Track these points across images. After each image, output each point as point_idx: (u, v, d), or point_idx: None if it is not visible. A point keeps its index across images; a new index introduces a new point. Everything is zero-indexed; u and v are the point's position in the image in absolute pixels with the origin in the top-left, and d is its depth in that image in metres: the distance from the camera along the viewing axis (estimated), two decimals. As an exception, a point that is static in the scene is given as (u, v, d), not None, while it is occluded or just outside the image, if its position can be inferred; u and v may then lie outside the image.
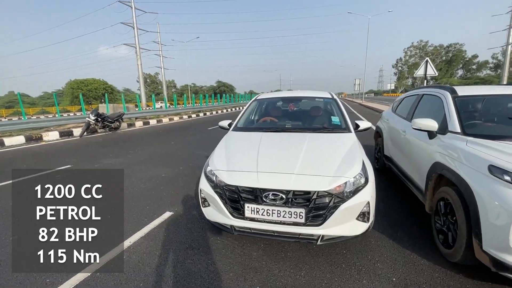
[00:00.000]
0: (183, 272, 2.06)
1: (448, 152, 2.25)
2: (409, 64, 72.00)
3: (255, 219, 2.09)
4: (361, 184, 2.10)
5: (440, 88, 2.94)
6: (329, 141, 2.65)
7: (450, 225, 2.12)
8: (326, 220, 1.99)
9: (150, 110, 15.71)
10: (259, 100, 3.80)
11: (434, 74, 12.67)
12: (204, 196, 2.39)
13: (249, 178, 2.13)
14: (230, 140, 2.89)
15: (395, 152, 3.64)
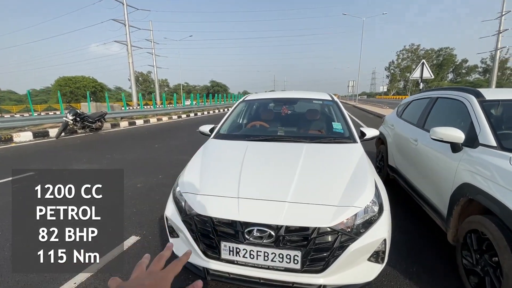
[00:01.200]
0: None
1: (481, 171, 1.77)
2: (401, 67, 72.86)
3: (234, 261, 1.56)
4: (375, 214, 1.60)
5: (461, 91, 2.48)
6: (331, 155, 2.13)
7: (488, 268, 1.63)
8: (329, 265, 1.47)
9: (137, 110, 14.97)
10: (248, 101, 3.25)
11: (430, 76, 12.44)
12: (171, 225, 1.85)
13: (228, 206, 1.59)
14: (208, 152, 2.35)
15: (403, 163, 3.17)
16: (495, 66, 39.42)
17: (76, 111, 9.06)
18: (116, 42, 30.35)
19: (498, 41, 37.47)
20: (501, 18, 36.35)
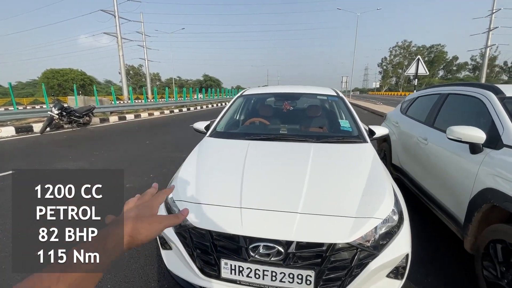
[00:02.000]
0: None
1: (506, 176, 1.61)
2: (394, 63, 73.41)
3: (236, 281, 1.35)
4: (395, 224, 1.41)
5: (477, 87, 2.31)
6: (342, 157, 1.93)
7: (515, 282, 1.48)
8: (346, 285, 1.28)
9: (127, 104, 14.48)
10: (246, 96, 3.01)
11: (425, 73, 12.41)
12: (163, 236, 1.62)
13: (229, 218, 1.38)
14: (204, 152, 2.11)
15: (410, 163, 3.01)
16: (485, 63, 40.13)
17: (62, 105, 8.61)
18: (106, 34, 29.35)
19: (489, 38, 38.04)
20: (492, 16, 36.83)
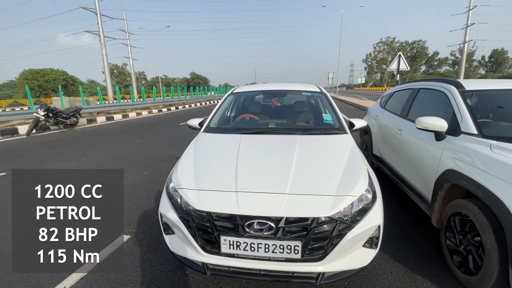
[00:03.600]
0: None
1: (463, 158, 1.88)
2: (378, 59, 75.08)
3: (234, 255, 1.55)
4: (369, 201, 1.65)
5: (443, 82, 2.60)
6: (324, 146, 2.17)
7: (471, 247, 1.76)
8: (328, 253, 1.51)
9: (114, 104, 14.29)
10: (236, 93, 3.20)
11: (406, 68, 12.93)
12: (166, 222, 1.80)
13: (226, 201, 1.58)
14: (200, 146, 2.29)
15: (388, 152, 3.30)
16: (463, 58, 41.88)
17: (47, 106, 8.47)
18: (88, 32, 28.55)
19: (466, 34, 39.70)
20: (469, 13, 38.39)
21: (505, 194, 1.49)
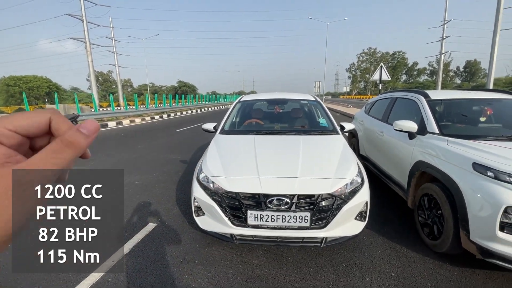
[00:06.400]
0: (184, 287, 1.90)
1: (429, 151, 2.45)
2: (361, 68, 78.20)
3: (258, 225, 2.01)
4: (358, 184, 2.16)
5: (414, 92, 3.21)
6: (322, 143, 2.69)
7: (435, 219, 2.30)
8: (329, 222, 2.00)
9: (108, 111, 14.40)
10: (243, 102, 3.71)
11: (387, 78, 13.90)
12: (199, 205, 2.24)
13: (251, 183, 2.05)
14: (221, 144, 2.76)
15: (372, 151, 3.87)
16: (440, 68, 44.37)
17: (46, 114, 8.62)
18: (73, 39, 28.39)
19: (442, 46, 42.43)
20: (444, 26, 41.17)
21: (455, 174, 2.04)
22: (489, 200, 1.77)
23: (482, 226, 1.82)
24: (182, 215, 3.05)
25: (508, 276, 1.97)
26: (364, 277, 2.00)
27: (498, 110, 2.88)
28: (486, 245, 1.80)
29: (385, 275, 2.02)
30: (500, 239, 1.72)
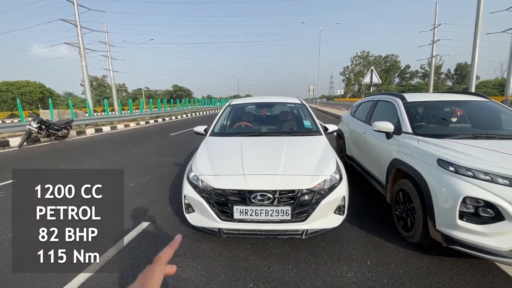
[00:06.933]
0: (173, 280, 2.04)
1: (403, 150, 2.64)
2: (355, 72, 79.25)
3: (243, 220, 2.17)
4: (337, 180, 2.34)
5: (392, 95, 3.42)
6: (305, 143, 2.87)
7: (408, 212, 2.48)
8: (309, 215, 2.17)
9: (103, 116, 14.47)
10: (233, 105, 3.89)
11: (378, 81, 14.24)
12: (189, 202, 2.39)
13: (237, 181, 2.21)
14: (210, 145, 2.92)
15: (357, 151, 4.07)
16: (432, 71, 45.47)
17: (41, 119, 8.68)
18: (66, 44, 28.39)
19: (433, 49, 43.46)
20: (434, 30, 42.19)
21: (424, 170, 2.24)
22: (450, 192, 1.96)
23: (445, 216, 2.00)
24: (174, 214, 3.19)
25: (472, 262, 2.16)
26: (341, 266, 2.17)
27: (468, 111, 3.11)
28: (449, 233, 1.99)
29: (361, 263, 2.19)
30: (460, 227, 1.91)
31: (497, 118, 2.98)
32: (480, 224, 1.85)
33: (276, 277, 2.06)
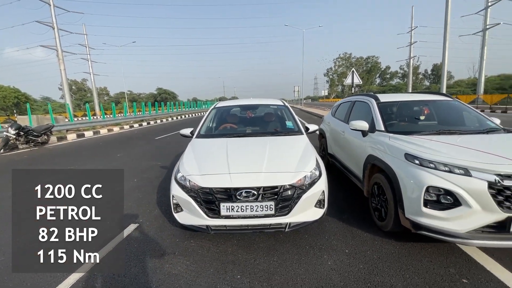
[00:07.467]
0: (164, 276, 2.13)
1: (377, 146, 2.87)
2: (338, 73, 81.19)
3: (230, 216, 2.29)
4: (316, 176, 2.51)
5: (367, 96, 3.66)
6: (287, 143, 3.04)
7: (382, 203, 2.70)
8: (291, 209, 2.33)
9: (85, 121, 14.08)
10: (218, 108, 4.01)
11: (359, 82, 14.76)
12: (177, 202, 2.49)
13: (223, 179, 2.33)
14: (197, 147, 3.03)
15: (337, 149, 4.29)
16: (410, 72, 47.54)
17: (19, 125, 8.39)
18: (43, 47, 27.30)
19: (411, 51, 45.44)
20: (411, 32, 44.12)
21: (394, 164, 2.46)
22: (416, 183, 2.18)
23: (412, 204, 2.22)
24: (162, 215, 3.26)
25: (438, 245, 2.39)
26: (322, 255, 2.34)
27: (435, 109, 3.39)
28: (416, 219, 2.21)
29: (340, 252, 2.37)
30: (424, 213, 2.13)
31: (460, 116, 3.28)
32: (441, 210, 2.08)
33: (262, 268, 2.19)
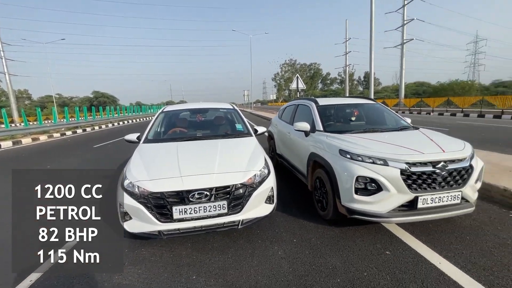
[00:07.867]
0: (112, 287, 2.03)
1: (317, 145, 3.21)
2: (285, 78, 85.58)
3: (183, 219, 2.31)
4: (265, 174, 2.70)
5: (308, 100, 4.05)
6: (237, 144, 3.17)
7: (323, 195, 3.04)
8: (243, 207, 2.46)
9: (1, 129, 11.89)
10: (167, 112, 3.92)
11: (303, 87, 15.90)
12: (125, 210, 2.38)
13: (174, 183, 2.33)
14: (145, 152, 2.93)
15: (284, 149, 4.61)
16: (347, 78, 53.01)
17: None
18: None
19: (346, 59, 50.84)
20: (346, 43, 49.40)
21: (331, 159, 2.80)
22: (348, 174, 2.54)
23: (346, 193, 2.57)
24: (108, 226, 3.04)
25: (368, 227, 2.81)
26: (273, 247, 2.52)
27: (364, 111, 3.95)
28: (349, 205, 2.56)
29: (289, 242, 2.60)
30: (356, 200, 2.50)
31: (382, 116, 3.89)
32: (368, 196, 2.47)
33: (217, 266, 2.26)
